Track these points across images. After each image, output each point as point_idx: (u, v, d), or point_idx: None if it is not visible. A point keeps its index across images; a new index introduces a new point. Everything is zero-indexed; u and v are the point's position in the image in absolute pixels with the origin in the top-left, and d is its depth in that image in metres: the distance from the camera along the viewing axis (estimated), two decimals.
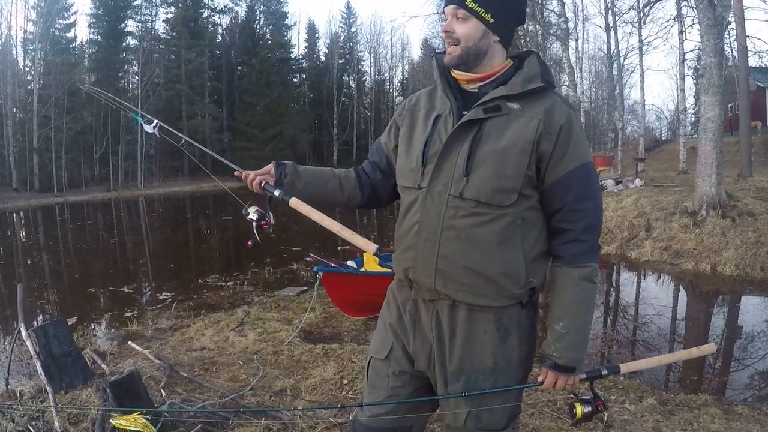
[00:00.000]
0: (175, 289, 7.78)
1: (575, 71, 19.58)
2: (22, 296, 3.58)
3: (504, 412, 1.52)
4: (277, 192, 1.64)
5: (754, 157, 16.86)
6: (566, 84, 16.56)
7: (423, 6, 69.99)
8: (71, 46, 36.41)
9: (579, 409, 1.53)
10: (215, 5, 44.84)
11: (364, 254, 6.46)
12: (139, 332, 5.31)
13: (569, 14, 19.58)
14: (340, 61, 49.79)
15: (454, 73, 1.53)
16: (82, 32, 61.13)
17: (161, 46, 40.60)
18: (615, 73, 21.91)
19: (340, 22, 52.08)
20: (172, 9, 41.36)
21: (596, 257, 1.48)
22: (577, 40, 25.38)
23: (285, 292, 7.02)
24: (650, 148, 30.38)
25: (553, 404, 3.23)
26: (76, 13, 37.35)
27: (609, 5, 20.65)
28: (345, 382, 3.62)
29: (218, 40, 44.91)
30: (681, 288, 7.69)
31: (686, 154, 18.82)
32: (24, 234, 17.03)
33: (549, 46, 19.22)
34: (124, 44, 39.42)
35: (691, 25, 17.75)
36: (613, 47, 21.36)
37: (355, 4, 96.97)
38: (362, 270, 6.22)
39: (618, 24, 21.07)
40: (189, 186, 34.75)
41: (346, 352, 4.25)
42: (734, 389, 4.08)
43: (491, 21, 1.45)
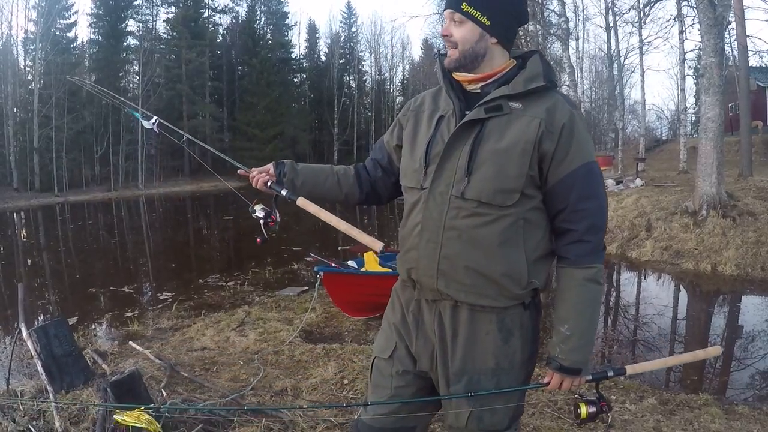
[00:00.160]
0: (175, 289, 7.78)
1: (575, 71, 19.57)
2: (23, 296, 3.59)
3: (506, 412, 1.51)
4: (284, 191, 1.67)
5: (755, 157, 16.86)
6: (566, 84, 16.52)
7: (423, 6, 70.05)
8: (72, 45, 36.45)
9: (584, 410, 1.52)
10: (216, 5, 44.97)
11: (364, 254, 6.47)
12: (139, 332, 5.31)
13: (570, 14, 19.59)
14: (341, 61, 49.79)
15: (456, 74, 1.53)
16: (83, 32, 61.26)
17: (162, 46, 40.63)
18: (615, 72, 21.91)
19: (341, 22, 52.15)
20: (173, 9, 41.41)
21: (601, 258, 1.46)
22: (577, 40, 25.47)
23: (286, 292, 7.02)
24: (651, 147, 30.40)
25: (553, 404, 3.23)
26: (76, 13, 37.40)
27: (609, 5, 20.68)
28: (346, 382, 3.62)
29: (219, 40, 44.94)
30: (681, 288, 7.68)
31: (687, 154, 18.82)
32: (24, 234, 17.03)
33: (549, 46, 19.20)
34: (125, 44, 39.46)
35: (692, 25, 17.78)
36: (613, 47, 21.38)
37: (356, 4, 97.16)
38: (363, 270, 6.22)
39: (618, 24, 21.10)
40: (190, 186, 34.79)
41: (347, 352, 4.25)
42: (735, 389, 4.08)
43: (487, 23, 1.45)
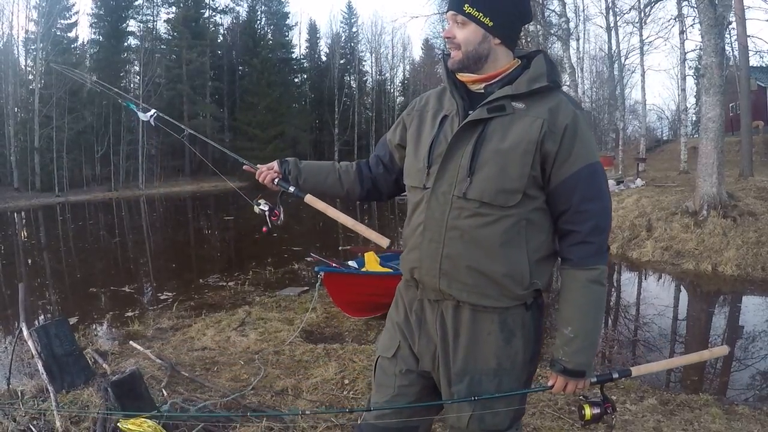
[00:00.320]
0: (176, 288, 7.78)
1: (576, 71, 19.57)
2: (24, 296, 3.59)
3: (507, 413, 1.51)
4: (292, 188, 1.73)
5: (755, 157, 16.86)
6: (567, 84, 16.52)
7: (424, 6, 70.18)
8: (73, 46, 36.48)
9: (588, 411, 1.51)
10: (216, 5, 45.00)
11: (365, 254, 6.47)
12: (140, 332, 5.31)
13: (570, 14, 19.57)
14: (341, 61, 49.81)
15: (459, 75, 1.53)
16: (84, 32, 61.15)
17: (162, 46, 40.66)
18: (616, 73, 21.91)
19: (341, 22, 52.21)
20: (174, 9, 41.44)
21: (604, 259, 1.45)
22: (578, 40, 25.43)
23: (286, 292, 7.02)
24: (651, 148, 30.39)
25: (554, 404, 3.23)
26: (77, 13, 37.43)
27: (610, 5, 20.68)
28: (346, 382, 3.62)
29: (219, 40, 45.00)
30: (682, 288, 7.68)
31: (687, 154, 18.81)
32: (25, 233, 17.04)
33: (550, 46, 19.17)
34: (126, 44, 39.50)
35: (692, 25, 17.81)
36: (614, 47, 21.39)
37: (356, 4, 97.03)
38: (363, 270, 6.22)
39: (619, 24, 21.11)
40: (190, 186, 34.82)
41: (348, 352, 4.25)
42: (735, 389, 4.07)
43: (490, 24, 1.44)
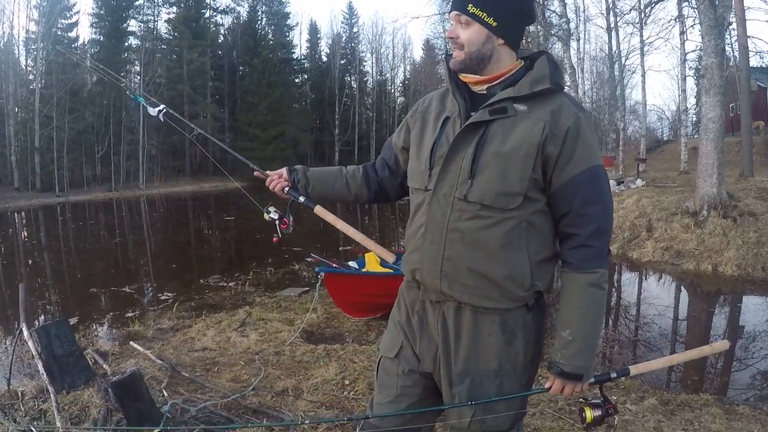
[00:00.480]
0: (176, 289, 7.78)
1: (576, 72, 19.57)
2: (24, 296, 3.59)
3: (509, 414, 1.51)
4: (302, 198, 1.78)
5: (755, 157, 16.88)
6: (568, 85, 16.53)
7: (425, 7, 70.10)
8: (73, 45, 36.38)
9: (589, 414, 1.50)
10: (217, 5, 44.94)
11: (365, 255, 6.47)
12: (140, 332, 5.31)
13: (571, 15, 19.60)
14: (342, 62, 49.79)
15: (462, 76, 1.52)
16: (84, 32, 61.26)
17: (163, 46, 40.61)
18: (616, 73, 21.92)
19: (342, 23, 52.24)
20: (174, 9, 41.41)
21: (605, 263, 1.44)
22: (578, 40, 25.47)
23: (286, 293, 7.02)
24: (651, 148, 30.38)
25: (554, 404, 3.23)
26: (78, 12, 37.31)
27: (610, 6, 20.70)
28: (347, 382, 3.62)
29: (220, 41, 44.96)
30: (682, 288, 7.68)
31: (687, 155, 18.84)
32: (25, 234, 17.05)
33: (550, 46, 19.16)
34: (126, 44, 39.44)
35: (692, 26, 17.85)
36: (614, 48, 21.41)
37: (357, 4, 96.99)
38: (364, 271, 6.22)
39: (619, 25, 21.14)
40: (191, 186, 34.81)
41: (348, 352, 4.25)
42: (736, 389, 4.08)
43: (494, 24, 1.43)
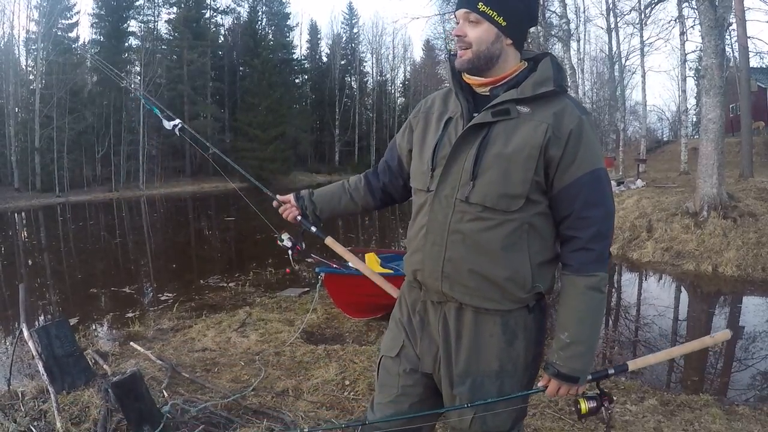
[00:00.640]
0: (176, 289, 7.78)
1: (577, 72, 19.58)
2: (24, 296, 3.59)
3: (509, 415, 1.51)
4: (314, 229, 1.87)
5: (755, 158, 16.88)
6: (568, 85, 16.53)
7: (425, 7, 70.14)
8: (73, 46, 36.45)
9: (583, 405, 1.50)
10: (217, 6, 44.89)
11: (365, 255, 6.46)
12: (140, 333, 5.30)
13: (571, 15, 19.60)
14: (342, 62, 49.82)
15: (465, 76, 1.51)
16: (85, 32, 61.33)
17: (163, 47, 40.58)
18: (616, 74, 21.94)
19: (342, 23, 52.33)
20: (175, 9, 41.40)
21: (605, 266, 1.44)
22: (578, 41, 25.44)
23: (287, 293, 7.01)
24: (651, 148, 30.38)
25: (554, 405, 3.23)
26: (78, 13, 37.38)
27: (610, 6, 20.73)
28: (347, 383, 3.62)
29: (220, 41, 44.93)
30: (682, 289, 7.68)
31: (687, 155, 18.84)
32: (25, 234, 17.04)
33: (550, 47, 19.17)
34: (127, 44, 39.40)
35: (693, 27, 17.85)
36: (614, 48, 21.44)
37: (357, 5, 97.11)
38: None
39: (619, 25, 21.17)
40: (191, 186, 34.78)
41: (348, 353, 4.25)
42: (736, 389, 4.08)
43: (504, 24, 1.42)
